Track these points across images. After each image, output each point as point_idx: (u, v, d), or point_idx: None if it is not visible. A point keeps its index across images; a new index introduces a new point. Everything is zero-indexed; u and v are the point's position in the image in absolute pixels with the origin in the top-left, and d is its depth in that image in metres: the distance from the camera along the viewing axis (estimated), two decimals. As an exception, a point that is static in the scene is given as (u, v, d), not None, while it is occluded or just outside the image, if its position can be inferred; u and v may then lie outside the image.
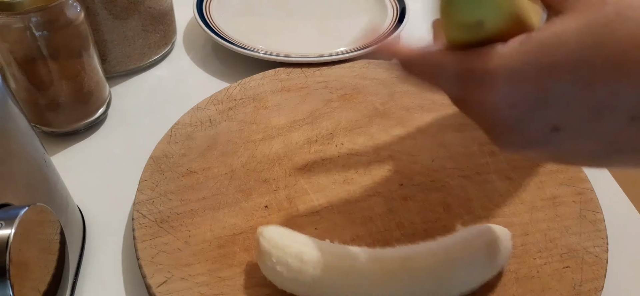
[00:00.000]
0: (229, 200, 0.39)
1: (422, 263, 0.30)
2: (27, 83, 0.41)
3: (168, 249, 0.35)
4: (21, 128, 0.29)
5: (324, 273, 0.30)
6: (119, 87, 0.52)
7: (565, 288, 0.33)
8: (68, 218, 0.35)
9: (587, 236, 0.36)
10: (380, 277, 0.30)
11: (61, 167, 0.36)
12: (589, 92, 0.21)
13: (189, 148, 0.42)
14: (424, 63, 0.27)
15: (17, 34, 0.38)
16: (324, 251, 0.31)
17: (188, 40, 0.60)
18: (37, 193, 0.31)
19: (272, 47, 0.54)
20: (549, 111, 0.23)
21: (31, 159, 0.31)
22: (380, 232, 0.37)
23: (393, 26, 0.57)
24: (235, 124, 0.45)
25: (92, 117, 0.46)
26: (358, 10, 0.62)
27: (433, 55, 0.27)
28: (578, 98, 0.22)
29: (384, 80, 0.50)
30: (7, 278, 0.22)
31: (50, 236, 0.27)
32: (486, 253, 0.31)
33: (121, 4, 0.48)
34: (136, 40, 0.51)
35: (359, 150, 0.43)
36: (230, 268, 0.34)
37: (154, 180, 0.40)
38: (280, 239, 0.31)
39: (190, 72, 0.55)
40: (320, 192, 0.39)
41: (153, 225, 0.36)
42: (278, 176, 0.41)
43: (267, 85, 0.49)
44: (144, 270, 0.34)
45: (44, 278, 0.26)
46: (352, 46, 0.54)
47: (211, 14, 0.58)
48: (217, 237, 0.36)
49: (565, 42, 0.21)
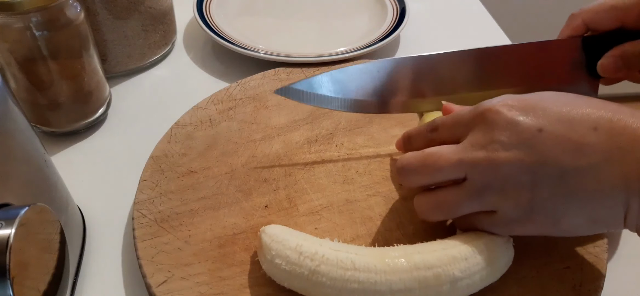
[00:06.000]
0: (229, 200, 0.39)
1: (422, 257, 0.30)
2: (27, 83, 0.41)
3: (168, 248, 0.35)
4: (21, 128, 0.29)
5: (322, 266, 0.30)
6: (119, 87, 0.52)
7: (565, 288, 0.33)
8: (68, 218, 0.35)
9: (587, 237, 0.36)
10: (378, 271, 0.30)
11: (61, 167, 0.36)
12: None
13: (189, 148, 0.42)
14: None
15: (17, 34, 0.38)
16: (322, 245, 0.31)
17: (188, 40, 0.60)
18: (37, 193, 0.31)
19: (272, 47, 0.54)
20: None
21: (31, 159, 0.31)
22: (380, 232, 0.37)
23: (393, 26, 0.57)
24: (235, 124, 0.45)
25: (92, 117, 0.46)
26: (358, 10, 0.62)
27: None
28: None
29: (384, 80, 0.50)
30: (7, 278, 0.22)
31: (50, 236, 0.27)
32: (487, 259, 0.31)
33: (121, 4, 0.48)
34: (136, 40, 0.51)
35: (359, 150, 0.43)
36: (231, 267, 0.34)
37: (154, 179, 0.40)
38: (281, 234, 0.32)
39: (190, 72, 0.55)
40: (320, 191, 0.39)
41: (153, 225, 0.36)
42: (278, 176, 0.41)
43: (267, 85, 0.49)
44: (144, 270, 0.34)
45: (44, 278, 0.26)
46: (352, 46, 0.54)
47: (211, 14, 0.58)
48: (217, 237, 0.36)
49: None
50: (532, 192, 0.29)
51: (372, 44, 0.54)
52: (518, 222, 0.30)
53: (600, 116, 0.28)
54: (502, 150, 0.29)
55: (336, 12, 0.62)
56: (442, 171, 0.31)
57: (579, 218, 0.29)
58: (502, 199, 0.30)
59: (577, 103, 0.30)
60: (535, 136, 0.29)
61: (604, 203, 0.28)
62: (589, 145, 0.28)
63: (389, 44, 0.58)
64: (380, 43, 0.54)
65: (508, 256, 0.32)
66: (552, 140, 0.28)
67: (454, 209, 0.32)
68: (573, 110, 0.29)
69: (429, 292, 0.30)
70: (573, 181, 0.28)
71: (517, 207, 0.30)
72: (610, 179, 0.27)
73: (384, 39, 0.55)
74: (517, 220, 0.30)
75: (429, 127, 0.35)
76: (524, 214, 0.30)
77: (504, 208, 0.30)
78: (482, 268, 0.31)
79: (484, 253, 0.31)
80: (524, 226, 0.30)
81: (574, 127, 0.28)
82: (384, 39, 0.55)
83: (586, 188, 0.28)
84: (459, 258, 0.30)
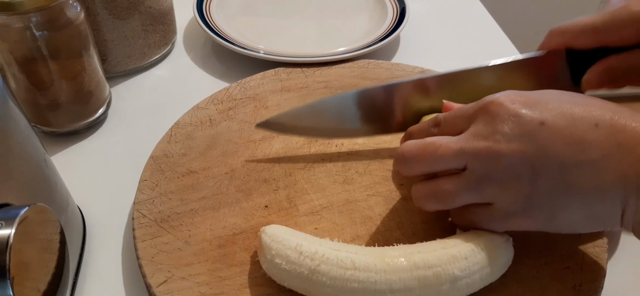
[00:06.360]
0: (229, 200, 0.39)
1: (422, 257, 0.30)
2: (27, 83, 0.41)
3: (168, 249, 0.35)
4: (21, 128, 0.29)
5: (322, 265, 0.30)
6: (119, 87, 0.52)
7: (565, 288, 0.33)
8: (68, 218, 0.35)
9: (587, 237, 0.36)
10: (378, 270, 0.30)
11: (61, 167, 0.36)
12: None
13: (189, 148, 0.42)
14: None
15: (17, 34, 0.38)
16: (322, 245, 0.31)
17: (188, 40, 0.60)
18: (37, 193, 0.31)
19: (272, 47, 0.54)
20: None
21: (31, 159, 0.31)
22: (380, 232, 0.37)
23: (393, 26, 0.57)
24: (235, 124, 0.45)
25: (92, 117, 0.46)
26: (358, 10, 0.62)
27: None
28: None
29: (384, 80, 0.50)
30: (7, 278, 0.22)
31: (50, 236, 0.27)
32: (487, 259, 0.31)
33: (121, 4, 0.48)
34: (136, 40, 0.51)
35: (359, 150, 0.43)
36: (231, 267, 0.34)
37: (154, 179, 0.40)
38: (281, 234, 0.32)
39: (190, 72, 0.55)
40: (320, 191, 0.39)
41: (153, 225, 0.36)
42: (278, 176, 0.41)
43: (267, 85, 0.49)
44: (144, 270, 0.34)
45: (44, 278, 0.26)
46: (352, 46, 0.54)
47: (211, 14, 0.58)
48: (217, 237, 0.36)
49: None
50: (532, 185, 0.29)
51: (372, 44, 0.54)
52: (515, 216, 0.30)
53: (602, 114, 0.29)
54: (504, 141, 0.29)
55: (336, 12, 0.62)
56: (443, 159, 0.31)
57: (576, 214, 0.29)
58: (501, 191, 0.30)
59: (579, 101, 0.30)
60: (537, 129, 0.29)
61: (601, 200, 0.28)
62: (590, 141, 0.28)
63: (389, 44, 0.58)
64: (380, 43, 0.54)
65: (508, 256, 0.32)
66: (554, 134, 0.29)
67: (451, 199, 0.32)
68: (575, 107, 0.29)
69: (428, 291, 0.30)
70: (572, 176, 0.28)
71: (515, 199, 0.30)
72: (609, 176, 0.28)
73: (384, 39, 0.55)
74: (514, 214, 0.30)
75: (431, 122, 0.35)
76: (522, 208, 0.30)
77: (502, 200, 0.30)
78: (482, 267, 0.31)
79: (484, 252, 0.31)
80: (520, 221, 0.31)
81: (576, 123, 0.29)
82: (384, 39, 0.55)
83: (585, 184, 0.28)
84: (459, 258, 0.30)
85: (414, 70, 0.51)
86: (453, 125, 0.33)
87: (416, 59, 0.55)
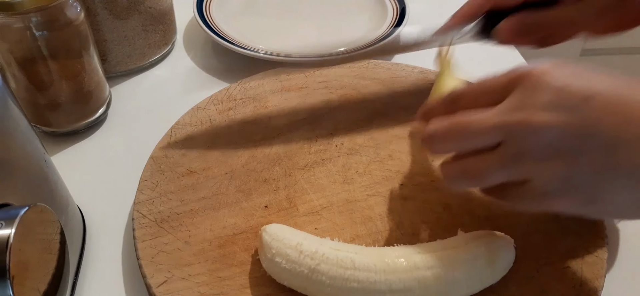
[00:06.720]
0: (229, 200, 0.39)
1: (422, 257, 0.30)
2: (27, 83, 0.41)
3: (168, 249, 0.35)
4: (21, 128, 0.29)
5: (322, 265, 0.30)
6: (119, 87, 0.52)
7: (565, 288, 0.33)
8: (68, 218, 0.35)
9: (587, 237, 0.36)
10: (378, 271, 0.30)
11: (61, 167, 0.36)
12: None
13: (189, 148, 0.42)
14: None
15: (17, 34, 0.38)
16: (323, 244, 0.31)
17: (188, 40, 0.60)
18: (37, 193, 0.31)
19: (272, 47, 0.54)
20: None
21: (31, 159, 0.31)
22: (380, 232, 0.37)
23: (393, 26, 0.57)
24: (235, 124, 0.45)
25: (92, 117, 0.46)
26: (358, 10, 0.62)
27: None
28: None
29: (384, 80, 0.50)
30: (7, 278, 0.22)
31: (50, 236, 0.27)
32: (487, 260, 0.31)
33: (121, 4, 0.48)
34: (136, 40, 0.51)
35: (359, 150, 0.43)
36: (230, 268, 0.34)
37: (154, 180, 0.40)
38: (282, 233, 0.32)
39: (190, 72, 0.55)
40: (320, 191, 0.39)
41: (153, 225, 0.36)
42: (278, 176, 0.41)
43: (267, 85, 0.49)
44: (144, 270, 0.34)
45: (44, 278, 0.26)
46: (352, 46, 0.54)
47: (211, 14, 0.58)
48: (217, 237, 0.36)
49: None
50: (574, 162, 0.27)
51: (372, 44, 0.54)
52: (552, 196, 0.28)
53: None
54: (546, 113, 0.27)
55: (336, 12, 0.62)
56: (477, 135, 0.29)
57: (622, 197, 0.27)
58: (539, 168, 0.27)
59: (621, 77, 0.27)
60: (584, 101, 0.26)
61: None
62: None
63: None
64: (380, 43, 0.54)
65: (509, 258, 0.32)
66: (602, 108, 0.26)
67: (483, 177, 0.29)
68: (620, 81, 0.27)
69: (428, 292, 0.30)
70: (621, 154, 0.26)
71: (554, 178, 0.27)
72: None
73: (384, 39, 0.55)
74: (551, 194, 0.28)
75: (449, 98, 0.32)
76: (561, 186, 0.27)
77: (540, 178, 0.28)
78: (482, 270, 0.31)
79: (485, 255, 0.31)
80: (558, 202, 0.28)
81: (624, 98, 0.26)
82: (384, 39, 0.55)
83: (636, 163, 0.26)
84: (459, 259, 0.30)
85: (413, 70, 0.51)
86: (481, 99, 0.30)
87: (416, 59, 0.55)
